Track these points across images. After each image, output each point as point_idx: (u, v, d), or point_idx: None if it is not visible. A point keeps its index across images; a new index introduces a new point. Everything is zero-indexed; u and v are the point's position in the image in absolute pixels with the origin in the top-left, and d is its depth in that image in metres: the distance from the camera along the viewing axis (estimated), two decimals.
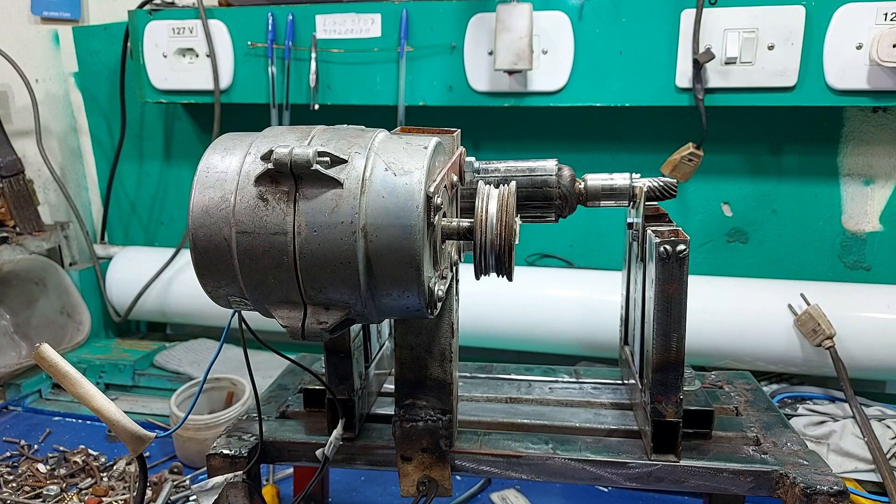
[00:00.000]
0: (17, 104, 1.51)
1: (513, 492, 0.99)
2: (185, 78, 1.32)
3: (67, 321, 1.47)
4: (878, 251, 1.21)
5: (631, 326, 0.75)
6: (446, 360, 0.64)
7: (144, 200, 1.58)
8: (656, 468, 0.65)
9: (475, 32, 1.16)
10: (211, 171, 0.53)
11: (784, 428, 0.71)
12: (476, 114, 1.25)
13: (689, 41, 1.08)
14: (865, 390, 1.15)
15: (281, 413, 0.78)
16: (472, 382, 0.82)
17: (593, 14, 1.13)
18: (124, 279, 1.45)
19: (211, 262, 0.53)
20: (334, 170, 0.51)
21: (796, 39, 1.05)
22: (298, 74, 1.26)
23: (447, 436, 0.66)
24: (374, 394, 0.78)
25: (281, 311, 0.54)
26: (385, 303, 0.53)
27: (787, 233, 1.24)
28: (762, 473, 0.63)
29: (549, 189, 0.68)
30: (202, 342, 1.48)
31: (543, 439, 0.69)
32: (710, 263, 1.27)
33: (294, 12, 1.23)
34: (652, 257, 0.60)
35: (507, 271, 0.57)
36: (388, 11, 1.20)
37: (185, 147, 1.52)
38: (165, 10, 1.32)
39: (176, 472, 1.07)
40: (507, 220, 0.56)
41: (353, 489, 1.03)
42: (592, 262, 1.32)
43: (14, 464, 1.11)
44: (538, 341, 1.23)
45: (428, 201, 0.50)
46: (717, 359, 1.16)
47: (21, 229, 1.41)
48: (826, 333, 1.06)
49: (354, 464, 0.71)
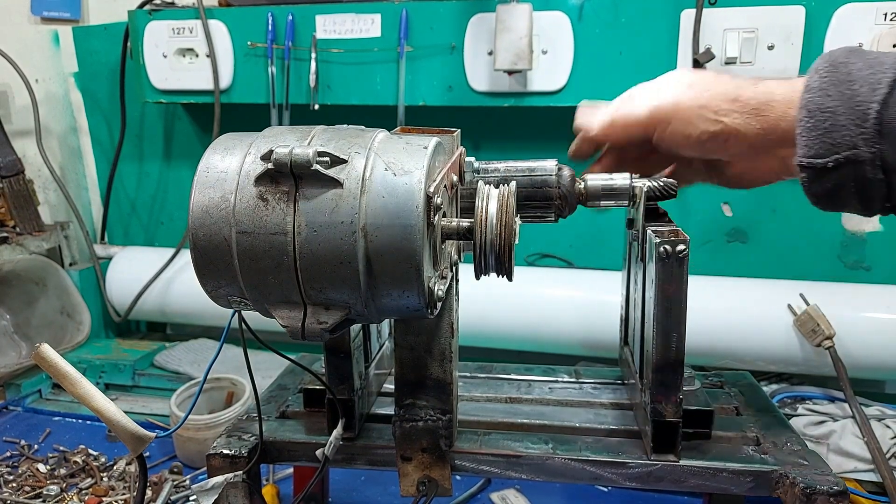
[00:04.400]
0: (17, 104, 1.51)
1: (513, 492, 0.99)
2: (185, 78, 1.32)
3: (67, 321, 1.47)
4: (878, 251, 1.21)
5: (631, 326, 0.75)
6: (446, 360, 0.64)
7: (144, 200, 1.58)
8: (656, 468, 0.65)
9: (475, 32, 1.16)
10: (211, 171, 0.54)
11: (784, 428, 0.71)
12: (476, 114, 1.25)
13: (689, 41, 1.08)
14: (865, 390, 1.15)
15: (281, 413, 0.78)
16: (472, 382, 0.82)
17: (593, 14, 1.13)
18: (124, 279, 1.45)
19: (211, 262, 0.53)
20: (334, 170, 0.51)
21: (796, 39, 1.05)
22: (298, 74, 1.26)
23: (447, 436, 0.66)
24: (374, 394, 0.78)
25: (281, 311, 0.54)
26: (385, 303, 0.53)
27: (787, 233, 1.24)
28: (762, 473, 0.63)
29: (549, 189, 0.68)
30: (202, 342, 1.48)
31: (543, 439, 0.69)
32: (710, 263, 1.27)
33: (294, 12, 1.23)
34: (652, 257, 0.60)
35: (507, 271, 0.57)
36: (388, 11, 1.20)
37: (185, 147, 1.52)
38: (165, 11, 1.32)
39: (176, 472, 1.07)
40: (507, 220, 0.56)
41: (353, 489, 1.03)
42: (592, 262, 1.32)
43: (14, 464, 1.11)
44: (538, 341, 1.23)
45: (428, 201, 0.50)
46: (717, 359, 1.16)
47: (21, 229, 1.41)
48: (826, 333, 1.05)
49: (354, 464, 0.71)
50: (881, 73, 0.50)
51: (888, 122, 0.50)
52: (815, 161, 0.53)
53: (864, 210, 0.55)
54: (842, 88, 0.51)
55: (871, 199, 0.53)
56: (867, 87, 0.50)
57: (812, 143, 0.53)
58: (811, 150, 0.53)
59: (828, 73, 0.53)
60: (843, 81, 0.51)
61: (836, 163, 0.52)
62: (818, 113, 0.52)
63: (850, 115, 0.51)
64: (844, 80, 0.52)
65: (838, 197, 0.54)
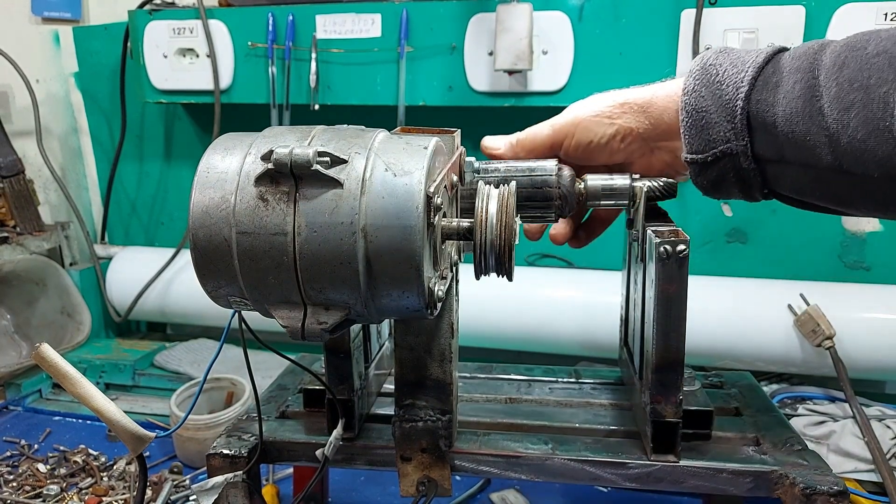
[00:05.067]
0: (18, 104, 1.51)
1: (512, 492, 0.99)
2: (185, 78, 1.32)
3: (67, 321, 1.47)
4: (878, 251, 1.21)
5: (631, 327, 0.75)
6: (446, 360, 0.64)
7: (145, 200, 1.58)
8: (656, 468, 0.65)
9: (475, 32, 1.16)
10: (211, 171, 0.53)
11: (784, 428, 0.71)
12: (476, 114, 1.25)
13: (690, 41, 1.08)
14: (865, 390, 1.15)
15: (281, 413, 0.78)
16: (471, 382, 0.82)
17: (593, 14, 1.13)
18: (124, 279, 1.45)
19: (211, 262, 0.53)
20: (334, 170, 0.51)
21: (797, 39, 1.05)
22: (298, 74, 1.26)
23: (447, 436, 0.66)
24: (374, 394, 0.78)
25: (281, 312, 0.54)
26: (385, 303, 0.53)
27: (787, 233, 1.24)
28: (762, 473, 0.63)
29: (549, 189, 0.68)
30: (202, 342, 1.48)
31: (543, 439, 0.69)
32: (710, 263, 1.27)
33: (294, 12, 1.23)
34: (652, 257, 0.60)
35: (507, 271, 0.57)
36: (388, 11, 1.20)
37: (186, 147, 1.52)
38: (165, 11, 1.32)
39: (176, 472, 1.07)
40: (507, 220, 0.56)
41: (352, 489, 1.03)
42: (592, 262, 1.32)
43: (14, 463, 1.11)
44: (538, 341, 1.23)
45: (428, 202, 0.50)
46: (717, 359, 1.16)
47: (21, 229, 1.41)
48: (826, 333, 1.06)
49: (354, 464, 0.71)
50: (743, 71, 0.55)
51: (754, 116, 0.55)
52: (697, 156, 0.58)
53: (747, 197, 0.60)
54: (712, 89, 0.56)
55: (750, 187, 0.59)
56: (732, 86, 0.55)
57: (692, 140, 0.58)
58: (692, 147, 0.58)
59: (700, 76, 0.58)
60: (713, 82, 0.57)
61: (714, 156, 0.57)
62: (694, 113, 0.57)
63: (720, 112, 0.56)
64: (714, 80, 0.57)
65: (722, 186, 0.60)
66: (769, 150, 0.56)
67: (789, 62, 0.54)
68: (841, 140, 0.50)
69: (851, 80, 0.50)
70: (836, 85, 0.50)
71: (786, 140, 0.53)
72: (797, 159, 0.54)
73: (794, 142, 0.53)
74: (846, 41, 0.52)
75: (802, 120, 0.52)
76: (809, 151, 0.52)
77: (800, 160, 0.54)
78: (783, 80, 0.54)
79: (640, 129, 0.64)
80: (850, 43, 0.52)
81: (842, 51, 0.52)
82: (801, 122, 0.52)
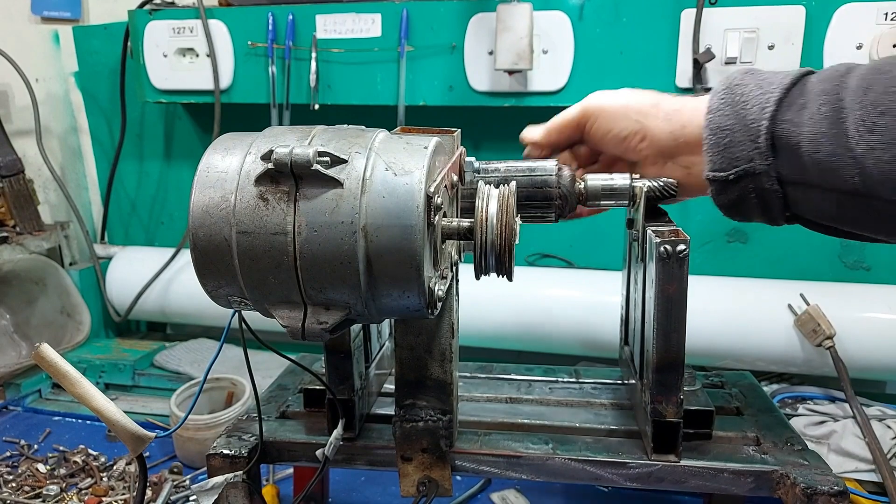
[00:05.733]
0: (17, 104, 1.51)
1: (513, 492, 0.99)
2: (185, 78, 1.32)
3: (67, 321, 1.47)
4: (878, 251, 1.21)
5: (631, 326, 0.75)
6: (446, 360, 0.64)
7: (144, 200, 1.58)
8: (656, 468, 0.65)
9: (475, 32, 1.16)
10: (211, 170, 0.53)
11: (784, 428, 0.71)
12: (476, 114, 1.25)
13: (690, 41, 1.08)
14: (865, 390, 1.15)
15: (281, 413, 0.78)
16: (472, 382, 0.82)
17: (593, 14, 1.13)
18: (124, 279, 1.45)
19: (211, 262, 0.53)
20: (334, 170, 0.50)
21: (796, 39, 1.05)
22: (298, 74, 1.26)
23: (447, 436, 0.66)
24: (375, 394, 0.78)
25: (281, 311, 0.54)
26: (385, 303, 0.53)
27: (787, 233, 1.23)
28: (762, 473, 0.63)
29: (549, 189, 0.68)
30: (202, 342, 1.48)
31: (543, 439, 0.69)
32: (710, 263, 1.27)
33: (294, 12, 1.23)
34: (652, 257, 0.60)
35: (508, 271, 0.57)
36: (389, 11, 1.20)
37: (186, 147, 1.52)
38: (165, 10, 1.32)
39: (176, 472, 1.07)
40: (508, 220, 0.56)
41: (353, 489, 1.03)
42: (592, 262, 1.32)
43: (14, 464, 1.11)
44: (538, 341, 1.23)
45: (428, 201, 0.50)
46: (717, 359, 1.15)
47: (21, 229, 1.41)
48: (826, 333, 1.05)
49: (354, 464, 0.71)
50: (769, 92, 0.56)
51: (778, 138, 0.55)
52: (719, 174, 0.59)
53: (768, 220, 0.61)
54: (737, 108, 0.57)
55: (771, 208, 0.59)
56: (757, 106, 0.56)
57: (715, 157, 0.59)
58: (715, 165, 0.59)
59: (725, 95, 0.59)
60: (738, 102, 0.57)
61: (736, 175, 0.58)
62: (718, 131, 0.58)
63: (744, 132, 0.56)
64: (739, 101, 0.57)
65: (743, 207, 0.60)
66: (793, 172, 0.56)
67: (815, 85, 0.55)
68: (867, 162, 0.50)
69: (877, 104, 0.50)
70: (861, 108, 0.50)
71: (810, 161, 0.53)
72: (821, 182, 0.54)
73: (819, 163, 0.53)
74: (872, 65, 0.52)
75: (828, 141, 0.52)
76: (834, 173, 0.52)
77: (823, 183, 0.54)
78: (809, 102, 0.54)
79: (660, 136, 0.65)
80: (876, 67, 0.52)
81: (867, 74, 0.52)
82: (826, 143, 0.52)
